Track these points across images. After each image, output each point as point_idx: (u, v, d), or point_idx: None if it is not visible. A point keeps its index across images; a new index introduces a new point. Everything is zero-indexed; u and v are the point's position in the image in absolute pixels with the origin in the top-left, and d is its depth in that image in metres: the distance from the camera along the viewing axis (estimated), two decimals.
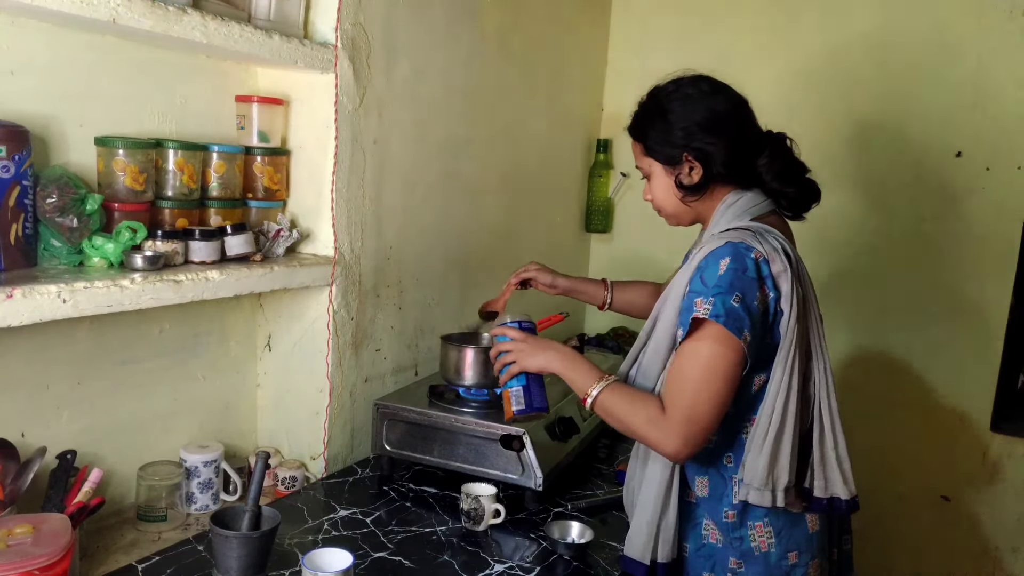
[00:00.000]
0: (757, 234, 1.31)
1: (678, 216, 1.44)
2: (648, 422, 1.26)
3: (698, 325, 1.24)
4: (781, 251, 1.29)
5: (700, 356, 1.24)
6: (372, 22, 1.72)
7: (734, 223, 1.34)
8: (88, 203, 1.28)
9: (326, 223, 1.70)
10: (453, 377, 1.73)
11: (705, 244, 1.33)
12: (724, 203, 1.38)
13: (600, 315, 2.99)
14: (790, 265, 1.28)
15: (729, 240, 1.28)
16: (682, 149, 1.36)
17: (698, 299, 1.24)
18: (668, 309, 1.33)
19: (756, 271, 1.26)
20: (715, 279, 1.24)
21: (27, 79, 1.28)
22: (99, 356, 1.46)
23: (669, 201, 1.42)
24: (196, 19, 1.31)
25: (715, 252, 1.27)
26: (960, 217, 2.38)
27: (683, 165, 1.37)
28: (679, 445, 1.24)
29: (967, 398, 2.41)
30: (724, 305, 1.22)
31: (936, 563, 2.50)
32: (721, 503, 1.35)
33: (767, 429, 1.28)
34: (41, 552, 1.04)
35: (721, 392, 1.24)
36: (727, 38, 2.67)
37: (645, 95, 1.45)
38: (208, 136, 1.58)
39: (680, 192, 1.39)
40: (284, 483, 1.68)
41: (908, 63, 2.41)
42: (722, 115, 1.37)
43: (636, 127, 1.44)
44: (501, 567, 1.41)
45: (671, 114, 1.38)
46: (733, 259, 1.25)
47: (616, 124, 2.91)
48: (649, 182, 1.44)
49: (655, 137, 1.40)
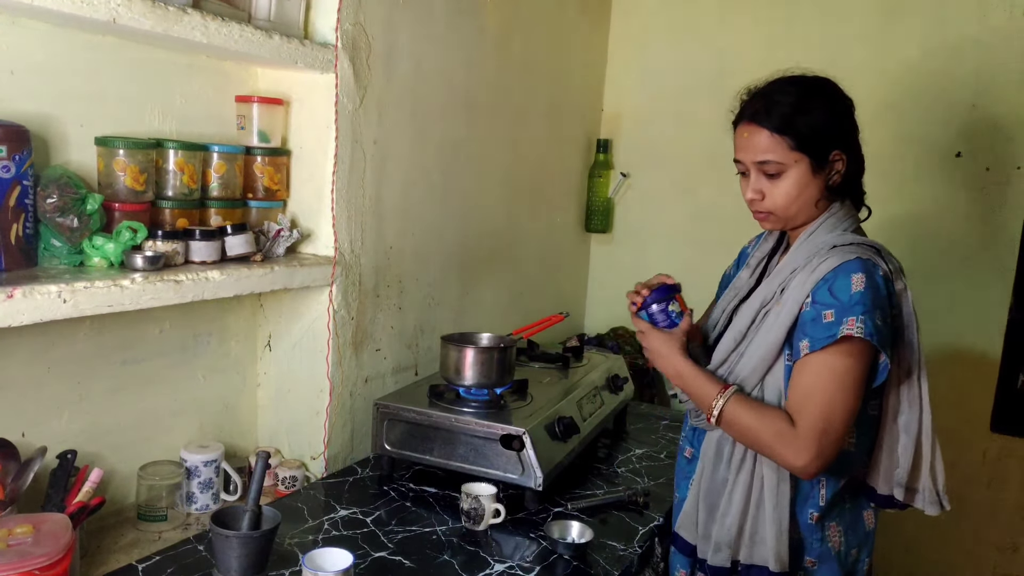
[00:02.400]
0: (880, 251, 1.32)
1: (793, 218, 1.37)
2: (778, 435, 1.26)
3: (843, 342, 1.23)
4: (900, 271, 1.33)
5: (837, 370, 1.24)
6: (372, 22, 1.72)
7: (837, 231, 1.34)
8: (88, 203, 1.28)
9: (326, 223, 1.70)
10: (453, 377, 1.73)
11: (825, 255, 1.30)
12: (830, 211, 1.36)
13: (600, 315, 3.00)
14: (906, 285, 1.32)
15: (859, 256, 1.27)
16: (835, 146, 1.32)
17: (846, 317, 1.23)
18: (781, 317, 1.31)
19: (886, 289, 1.27)
20: (851, 295, 1.24)
21: (27, 79, 1.28)
22: (99, 356, 1.46)
23: (802, 200, 1.34)
24: (196, 19, 1.31)
25: (845, 266, 1.26)
26: (959, 217, 2.38)
27: (833, 163, 1.33)
28: (810, 458, 1.24)
29: (967, 398, 2.41)
30: (875, 324, 1.22)
31: (936, 563, 2.50)
32: (807, 504, 1.35)
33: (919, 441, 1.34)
34: (41, 552, 1.04)
35: (854, 406, 1.25)
36: (727, 38, 2.67)
37: (775, 83, 1.37)
38: (208, 136, 1.58)
39: (824, 191, 1.34)
40: (284, 483, 1.68)
41: (908, 63, 2.41)
42: (853, 117, 1.37)
43: (783, 118, 1.32)
44: (501, 567, 1.41)
45: (830, 108, 1.34)
46: (867, 277, 1.25)
47: (616, 124, 2.92)
48: (774, 179, 1.34)
49: (813, 130, 1.31)
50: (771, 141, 1.32)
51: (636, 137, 2.90)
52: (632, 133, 2.91)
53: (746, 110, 1.37)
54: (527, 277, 2.59)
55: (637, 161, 2.90)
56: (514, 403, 1.74)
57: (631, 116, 2.90)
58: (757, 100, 1.36)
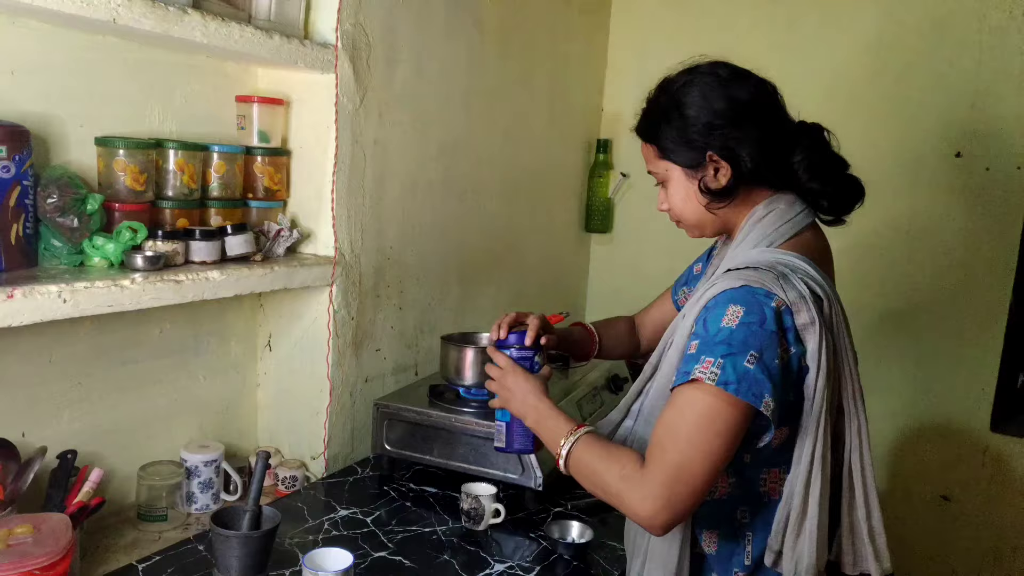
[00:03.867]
0: (781, 276, 1.10)
1: (701, 226, 1.25)
2: (623, 480, 1.07)
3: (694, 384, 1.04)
4: (809, 296, 1.09)
5: (705, 413, 1.03)
6: (372, 22, 1.72)
7: (761, 246, 1.17)
8: (89, 203, 1.28)
9: (326, 223, 1.70)
10: (453, 377, 1.73)
11: (719, 277, 1.13)
12: (753, 216, 1.19)
13: (600, 315, 2.98)
14: (820, 314, 1.09)
15: (747, 283, 1.08)
16: (704, 147, 1.18)
17: (704, 356, 1.04)
18: (678, 341, 1.15)
19: (776, 322, 1.05)
20: (720, 331, 1.05)
21: (27, 79, 1.28)
22: (99, 356, 1.46)
23: (691, 209, 1.23)
24: (196, 19, 1.31)
25: (727, 294, 1.08)
26: (960, 217, 2.38)
27: (707, 166, 1.19)
28: (657, 508, 1.03)
29: (967, 398, 2.41)
30: (736, 369, 1.02)
31: (936, 563, 2.50)
32: (731, 562, 1.20)
33: (790, 505, 1.12)
34: (41, 552, 1.04)
35: (720, 456, 1.04)
36: (728, 38, 2.67)
37: (654, 89, 1.27)
38: (208, 136, 1.58)
39: (705, 198, 1.20)
40: (284, 483, 1.68)
41: (908, 63, 2.41)
42: (748, 104, 1.17)
43: (646, 126, 1.26)
44: (501, 567, 1.41)
45: (688, 107, 1.19)
46: (748, 310, 1.05)
47: (616, 124, 2.92)
48: (665, 188, 1.26)
49: (671, 136, 1.21)
50: (647, 151, 1.28)
51: (636, 137, 2.88)
52: (632, 133, 2.89)
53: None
54: (527, 277, 2.59)
55: (637, 161, 2.86)
56: None
57: (631, 116, 2.89)
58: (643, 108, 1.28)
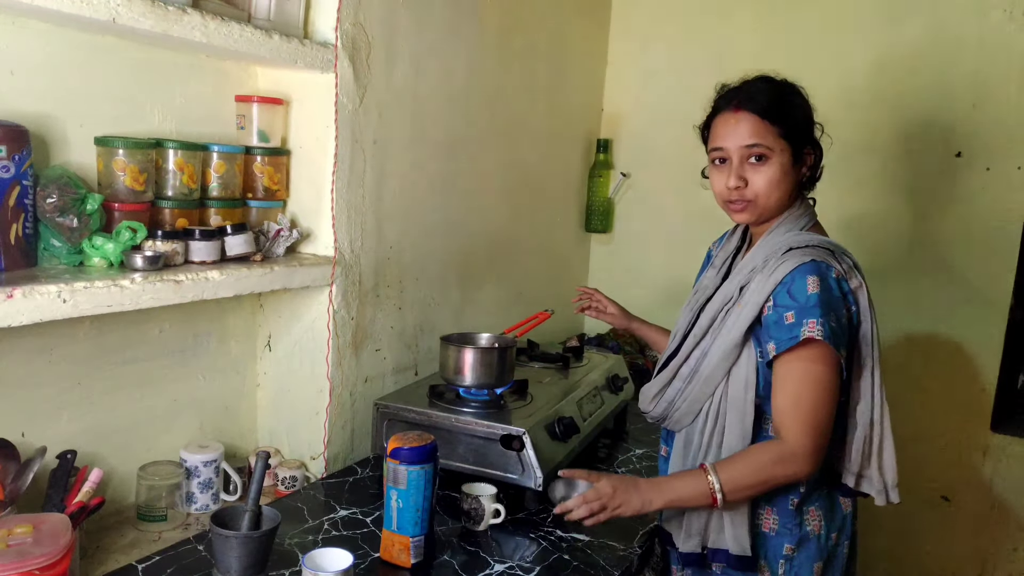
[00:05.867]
0: (834, 252, 1.37)
1: (771, 209, 1.41)
2: (778, 463, 1.31)
3: (806, 344, 1.29)
4: (855, 267, 1.39)
5: (817, 379, 1.30)
6: (372, 22, 1.72)
7: (794, 230, 1.40)
8: (88, 203, 1.28)
9: (326, 223, 1.70)
10: (453, 377, 1.73)
11: (781, 257, 1.36)
12: (791, 209, 1.43)
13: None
14: (864, 280, 1.38)
15: (813, 259, 1.33)
16: (807, 141, 1.41)
17: (806, 319, 1.28)
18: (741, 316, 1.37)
19: (839, 290, 1.33)
20: (807, 298, 1.30)
21: (27, 79, 1.28)
22: (99, 356, 1.46)
23: (780, 190, 1.39)
24: (196, 19, 1.31)
25: (800, 269, 1.32)
26: (960, 217, 2.38)
27: (805, 157, 1.42)
28: (813, 467, 1.32)
29: (967, 397, 2.41)
30: (827, 326, 1.28)
31: (936, 563, 2.50)
32: (788, 492, 1.39)
33: (869, 431, 1.39)
34: (41, 552, 1.04)
35: (834, 408, 1.33)
36: (728, 39, 2.67)
37: (759, 81, 1.42)
38: (208, 136, 1.58)
39: (794, 186, 1.41)
40: (284, 483, 1.68)
41: (908, 63, 2.41)
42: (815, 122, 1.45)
43: (778, 105, 1.38)
44: (501, 567, 1.41)
45: (804, 106, 1.42)
46: (822, 279, 1.31)
47: (616, 124, 2.92)
48: (757, 166, 1.38)
49: (795, 122, 1.39)
50: (761, 126, 1.37)
51: (636, 137, 2.89)
52: (632, 133, 2.90)
53: (730, 99, 1.41)
54: (527, 277, 2.59)
55: (637, 161, 2.90)
56: (514, 403, 1.74)
57: (631, 116, 2.90)
58: (741, 91, 1.41)
